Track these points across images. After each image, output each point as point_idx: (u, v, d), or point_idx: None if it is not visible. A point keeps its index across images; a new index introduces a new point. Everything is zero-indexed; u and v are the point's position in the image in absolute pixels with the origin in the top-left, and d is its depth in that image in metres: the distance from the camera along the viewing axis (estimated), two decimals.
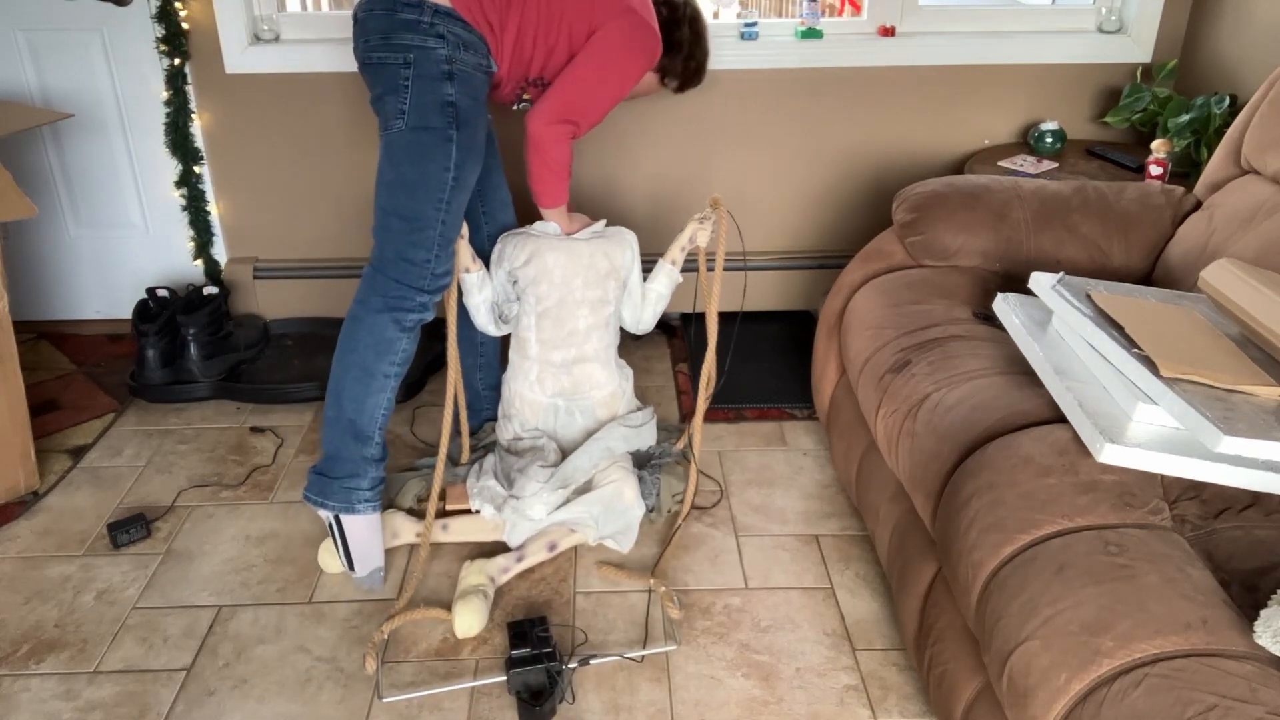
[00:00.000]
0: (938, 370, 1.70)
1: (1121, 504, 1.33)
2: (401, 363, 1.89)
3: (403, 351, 1.88)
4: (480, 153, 1.90)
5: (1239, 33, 2.47)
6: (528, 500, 1.96)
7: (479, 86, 1.86)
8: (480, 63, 1.84)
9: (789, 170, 2.80)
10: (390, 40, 1.77)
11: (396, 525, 2.03)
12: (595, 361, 2.13)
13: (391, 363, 1.87)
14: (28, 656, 1.79)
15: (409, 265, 1.85)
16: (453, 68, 1.79)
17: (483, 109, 1.89)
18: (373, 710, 1.68)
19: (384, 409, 1.88)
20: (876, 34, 2.70)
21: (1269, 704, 1.04)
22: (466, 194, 1.88)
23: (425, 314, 1.89)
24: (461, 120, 1.82)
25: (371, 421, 1.87)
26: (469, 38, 1.80)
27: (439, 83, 1.78)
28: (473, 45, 1.81)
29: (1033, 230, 2.04)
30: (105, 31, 2.56)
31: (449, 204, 1.84)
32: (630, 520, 2.03)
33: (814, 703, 1.69)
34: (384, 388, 1.87)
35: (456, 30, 1.77)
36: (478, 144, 1.88)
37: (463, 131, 1.82)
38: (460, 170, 1.84)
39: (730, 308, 2.76)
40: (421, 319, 1.89)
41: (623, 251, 2.11)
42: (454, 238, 1.90)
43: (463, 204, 1.88)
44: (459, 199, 1.86)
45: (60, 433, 2.43)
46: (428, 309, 1.89)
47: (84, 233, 2.79)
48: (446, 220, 1.86)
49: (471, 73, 1.82)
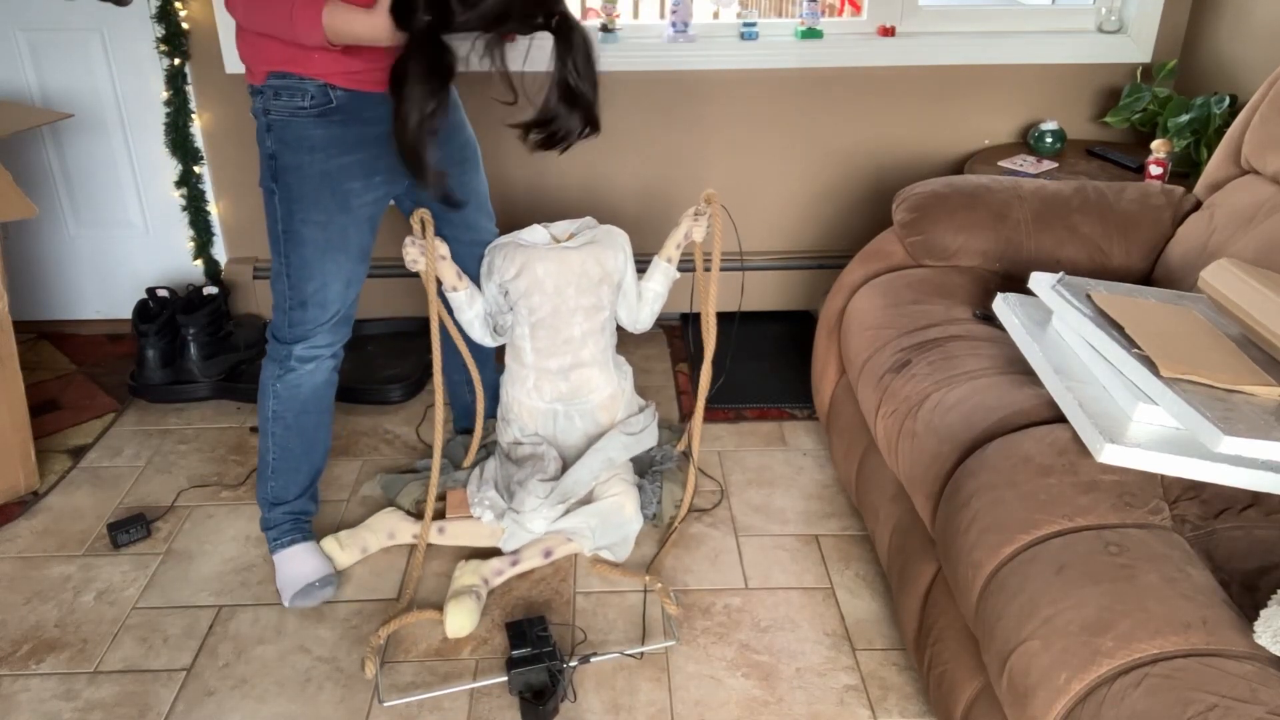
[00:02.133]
0: (938, 370, 1.70)
1: (1121, 504, 1.33)
2: (279, 411, 1.89)
3: (275, 397, 1.88)
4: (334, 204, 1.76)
5: (1239, 33, 2.47)
6: (527, 515, 1.96)
7: (304, 132, 1.70)
8: (301, 105, 1.69)
9: (789, 170, 2.80)
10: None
11: (393, 525, 2.03)
12: (593, 366, 2.12)
13: (268, 409, 1.90)
14: (28, 656, 1.79)
15: (274, 319, 1.87)
16: (269, 119, 1.71)
17: (320, 156, 1.72)
18: (373, 710, 1.68)
19: (272, 454, 1.93)
20: (876, 34, 2.70)
21: (1269, 704, 1.04)
22: (314, 248, 1.77)
23: (297, 364, 1.85)
24: (279, 172, 1.73)
25: (263, 465, 1.95)
26: (280, 84, 1.69)
27: (263, 136, 1.74)
28: (286, 89, 1.68)
29: (1033, 230, 2.04)
30: (105, 31, 2.56)
31: (288, 259, 1.79)
32: (628, 533, 2.02)
33: (814, 703, 1.69)
34: (266, 431, 1.92)
35: (270, 82, 1.69)
36: (312, 197, 1.74)
37: (281, 185, 1.73)
38: (290, 224, 1.75)
39: (728, 307, 2.76)
40: (293, 371, 1.86)
41: (615, 255, 2.06)
42: (313, 295, 1.81)
43: (309, 259, 1.78)
44: (299, 255, 1.77)
45: (60, 433, 2.43)
46: (293, 359, 1.85)
47: (84, 233, 2.79)
48: (292, 275, 1.79)
49: (288, 120, 1.70)
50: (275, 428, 1.91)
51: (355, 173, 1.76)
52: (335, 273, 1.81)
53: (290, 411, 1.90)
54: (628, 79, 2.65)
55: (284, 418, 1.90)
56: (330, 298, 1.82)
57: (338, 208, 1.76)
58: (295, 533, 1.97)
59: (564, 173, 2.76)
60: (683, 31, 2.64)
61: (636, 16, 2.81)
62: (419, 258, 1.92)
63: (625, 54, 2.63)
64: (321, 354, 1.88)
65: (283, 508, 1.97)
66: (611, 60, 2.63)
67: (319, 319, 1.83)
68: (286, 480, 1.96)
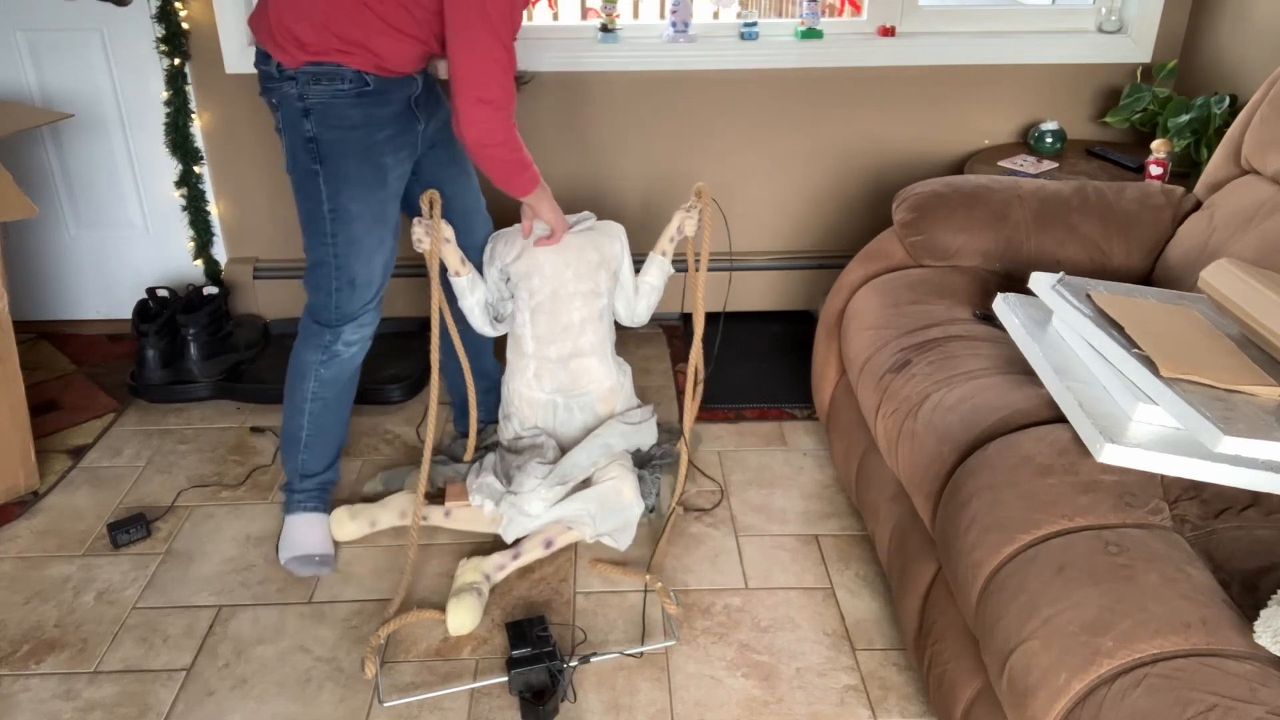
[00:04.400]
0: (938, 370, 1.70)
1: (1121, 504, 1.33)
2: (319, 392, 1.96)
3: (317, 379, 1.95)
4: (374, 179, 1.83)
5: (1239, 33, 2.47)
6: (525, 496, 1.96)
7: (344, 113, 1.77)
8: (341, 88, 1.75)
9: (789, 170, 2.80)
10: (264, 89, 1.81)
11: (406, 505, 2.08)
12: (592, 356, 2.14)
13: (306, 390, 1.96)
14: (28, 656, 1.79)
15: (316, 303, 1.92)
16: (306, 104, 1.75)
17: (360, 133, 1.79)
18: (373, 710, 1.68)
19: (307, 431, 1.99)
20: (876, 34, 2.70)
21: (1269, 704, 1.04)
22: (362, 223, 1.84)
23: (343, 349, 1.94)
24: (324, 154, 1.78)
25: (295, 441, 2.01)
26: (318, 70, 1.74)
27: (299, 121, 1.77)
28: (325, 75, 1.74)
29: (1033, 230, 2.04)
30: (105, 31, 2.56)
31: (335, 238, 1.84)
32: (628, 518, 2.03)
33: (814, 703, 1.69)
34: (301, 410, 1.98)
35: (306, 68, 1.74)
36: (356, 174, 1.81)
37: (328, 165, 1.79)
38: (337, 203, 1.81)
39: (719, 306, 2.77)
40: (338, 356, 1.94)
41: (611, 243, 2.13)
42: (360, 272, 1.88)
43: (358, 235, 1.84)
44: (347, 232, 1.84)
45: (60, 433, 2.43)
46: (340, 343, 1.93)
47: (84, 233, 2.79)
48: (340, 255, 1.85)
49: (329, 102, 1.75)
50: (314, 407, 1.98)
51: (387, 148, 1.84)
52: (378, 248, 1.89)
53: (330, 392, 1.98)
54: (628, 79, 2.66)
55: (324, 397, 1.98)
56: (375, 275, 1.91)
57: (378, 183, 1.84)
58: (318, 502, 2.05)
59: (564, 172, 2.76)
60: (683, 31, 2.64)
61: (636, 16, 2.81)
62: (424, 237, 1.95)
63: (625, 54, 2.63)
64: (366, 334, 1.96)
65: (313, 479, 2.05)
66: (611, 60, 2.63)
67: (365, 298, 1.91)
68: (319, 453, 2.03)
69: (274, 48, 1.74)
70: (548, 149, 2.72)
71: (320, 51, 1.72)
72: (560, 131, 2.71)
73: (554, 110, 2.68)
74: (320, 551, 1.99)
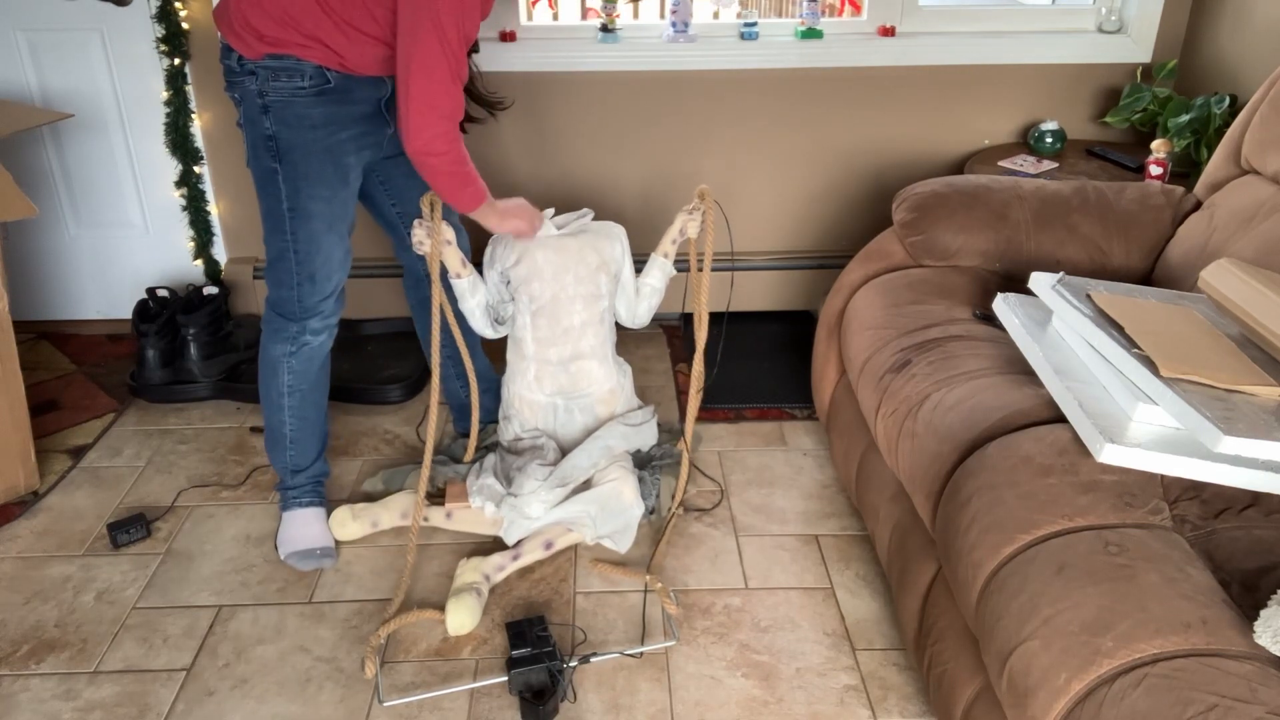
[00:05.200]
0: (938, 370, 1.70)
1: (1121, 504, 1.33)
2: (294, 385, 1.98)
3: (290, 371, 1.96)
4: (336, 178, 1.83)
5: (1239, 33, 2.47)
6: (525, 498, 1.97)
7: (304, 112, 1.76)
8: (300, 86, 1.74)
9: (789, 170, 2.80)
10: (228, 83, 1.80)
11: (408, 505, 2.08)
12: (592, 358, 2.14)
13: (281, 385, 1.97)
14: (28, 656, 1.79)
15: (277, 297, 1.92)
16: (266, 101, 1.75)
17: (321, 133, 1.78)
18: (373, 710, 1.68)
19: (290, 425, 2.01)
20: (876, 34, 2.70)
21: (1269, 704, 1.04)
22: (322, 221, 1.84)
23: (311, 338, 1.95)
24: (283, 152, 1.77)
25: (280, 438, 2.02)
26: (278, 65, 1.73)
27: (259, 118, 1.77)
28: (284, 70, 1.73)
29: (1033, 230, 2.04)
30: (105, 31, 2.56)
31: (295, 236, 1.84)
32: (629, 520, 2.03)
33: (814, 703, 1.69)
34: (280, 406, 1.99)
35: (265, 63, 1.73)
36: (316, 173, 1.80)
37: (286, 164, 1.78)
38: (296, 201, 1.81)
39: (720, 304, 2.77)
40: (307, 345, 1.95)
41: (611, 245, 2.12)
42: (320, 268, 1.87)
43: (318, 233, 1.84)
44: (307, 230, 1.83)
45: (60, 433, 2.43)
46: (307, 334, 1.94)
47: (84, 233, 2.79)
48: (300, 251, 1.85)
49: (289, 100, 1.74)
50: (291, 400, 1.99)
51: (351, 148, 1.85)
52: (338, 244, 1.89)
53: (305, 383, 1.99)
54: (628, 79, 2.66)
55: (299, 390, 1.99)
56: (334, 269, 1.91)
57: (340, 182, 1.85)
58: (314, 496, 2.07)
59: (564, 172, 2.76)
60: (683, 31, 2.64)
61: (636, 16, 2.81)
62: (425, 239, 1.95)
63: (625, 54, 2.63)
64: (331, 323, 1.97)
65: (304, 473, 2.06)
66: (611, 60, 2.63)
67: (325, 291, 1.92)
68: (305, 446, 2.05)
69: (234, 38, 1.74)
70: (548, 149, 2.72)
71: (278, 43, 1.71)
72: (560, 131, 2.71)
73: (554, 110, 2.68)
74: (321, 545, 2.00)
